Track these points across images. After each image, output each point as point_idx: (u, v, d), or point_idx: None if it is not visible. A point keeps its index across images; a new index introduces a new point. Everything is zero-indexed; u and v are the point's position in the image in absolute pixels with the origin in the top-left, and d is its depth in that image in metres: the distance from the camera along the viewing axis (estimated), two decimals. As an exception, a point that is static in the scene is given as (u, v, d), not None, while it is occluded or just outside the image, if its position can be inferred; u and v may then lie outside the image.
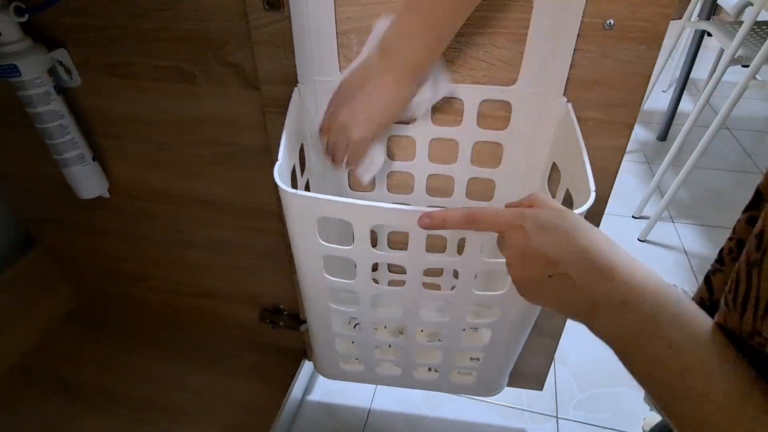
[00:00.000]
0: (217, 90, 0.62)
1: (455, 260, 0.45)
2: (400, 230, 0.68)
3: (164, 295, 0.93)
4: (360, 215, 0.43)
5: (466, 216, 0.39)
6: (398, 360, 0.62)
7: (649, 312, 0.30)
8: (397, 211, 0.41)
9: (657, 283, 0.31)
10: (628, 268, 0.32)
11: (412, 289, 0.49)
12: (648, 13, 0.46)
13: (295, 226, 0.46)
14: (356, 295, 0.52)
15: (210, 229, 0.79)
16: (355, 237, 0.44)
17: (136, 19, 0.59)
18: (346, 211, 0.43)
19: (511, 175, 0.59)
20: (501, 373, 0.64)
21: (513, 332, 0.55)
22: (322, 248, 0.47)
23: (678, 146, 1.39)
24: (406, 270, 0.47)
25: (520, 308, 0.51)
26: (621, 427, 0.99)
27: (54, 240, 0.91)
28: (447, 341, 0.56)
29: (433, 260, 0.46)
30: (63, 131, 0.66)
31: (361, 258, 0.47)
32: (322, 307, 0.55)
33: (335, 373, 0.67)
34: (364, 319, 0.55)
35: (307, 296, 0.54)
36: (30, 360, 0.92)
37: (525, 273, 0.37)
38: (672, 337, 0.29)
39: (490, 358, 0.59)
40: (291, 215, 0.45)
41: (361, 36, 0.52)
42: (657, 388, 0.30)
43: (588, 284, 0.32)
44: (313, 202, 0.43)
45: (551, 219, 0.36)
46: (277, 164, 0.44)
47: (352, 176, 0.65)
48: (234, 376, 0.88)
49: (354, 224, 0.43)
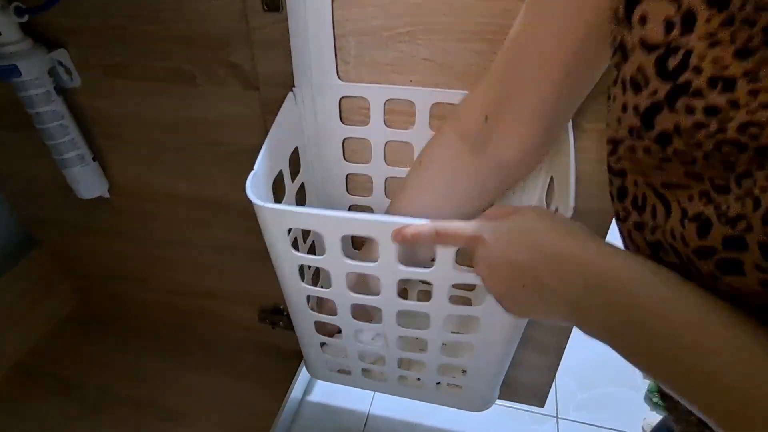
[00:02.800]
0: (217, 91, 0.62)
1: (428, 272, 0.44)
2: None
3: (164, 295, 0.93)
4: (329, 226, 0.43)
5: (433, 231, 0.39)
6: (384, 368, 0.61)
7: (627, 287, 0.28)
8: (366, 222, 0.42)
9: (625, 256, 0.30)
10: (591, 252, 0.31)
11: (388, 299, 0.49)
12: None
13: (269, 236, 0.47)
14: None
15: (210, 229, 0.79)
16: (326, 247, 0.44)
17: (136, 19, 0.59)
18: (315, 222, 0.43)
19: (512, 188, 0.58)
20: (489, 387, 0.63)
21: (496, 345, 0.54)
22: (296, 257, 0.48)
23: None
24: (380, 280, 0.47)
25: (503, 320, 0.50)
26: (621, 427, 0.99)
27: (54, 240, 0.91)
28: (429, 352, 0.56)
29: (405, 272, 0.45)
30: (63, 131, 0.66)
31: (334, 268, 0.47)
32: (303, 313, 0.55)
33: (324, 375, 0.67)
34: (344, 326, 0.55)
35: (289, 303, 0.55)
36: (30, 360, 0.92)
37: (499, 287, 0.36)
38: (659, 306, 0.27)
39: (475, 371, 0.58)
40: (263, 226, 0.46)
41: (359, 39, 0.52)
42: (664, 366, 0.27)
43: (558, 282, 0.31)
44: (282, 214, 0.43)
45: (510, 225, 0.35)
46: (252, 174, 0.45)
47: (349, 182, 0.65)
48: (234, 376, 0.89)
49: (324, 235, 0.43)
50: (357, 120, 0.58)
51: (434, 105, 0.55)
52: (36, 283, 0.93)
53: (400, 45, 0.52)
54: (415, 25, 0.50)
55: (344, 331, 0.56)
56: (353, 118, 0.58)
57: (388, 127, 0.58)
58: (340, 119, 0.59)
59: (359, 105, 0.57)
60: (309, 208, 0.43)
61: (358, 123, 0.58)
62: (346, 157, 0.62)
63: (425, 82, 0.54)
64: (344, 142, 0.60)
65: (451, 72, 0.53)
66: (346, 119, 0.59)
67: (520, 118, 0.42)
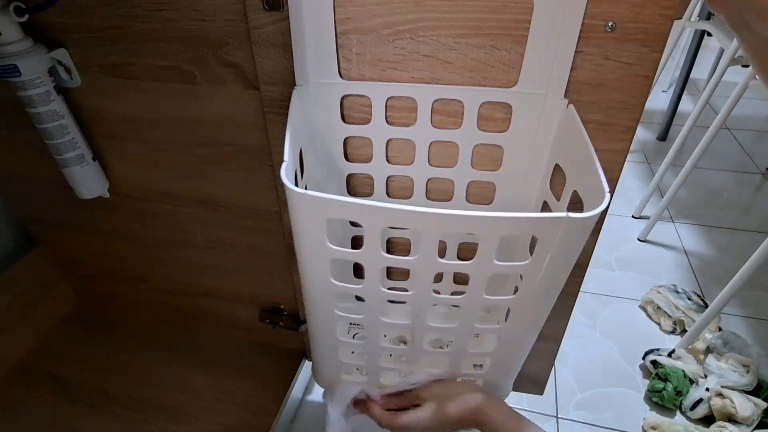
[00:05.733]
0: (217, 90, 0.62)
1: (468, 264, 0.44)
2: (406, 235, 0.67)
3: (164, 295, 0.93)
4: (372, 217, 0.41)
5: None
6: (402, 368, 0.61)
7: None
8: (410, 212, 0.39)
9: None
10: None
11: (423, 294, 0.48)
12: (650, 15, 0.46)
13: (301, 227, 0.44)
14: (356, 302, 0.51)
15: (210, 229, 0.79)
16: (365, 239, 0.43)
17: (136, 19, 0.59)
18: (357, 212, 0.41)
19: (512, 178, 0.59)
20: (506, 380, 0.63)
21: (521, 337, 0.55)
22: (330, 251, 0.45)
23: (678, 146, 1.39)
24: (415, 275, 0.46)
25: (529, 312, 0.50)
26: (621, 427, 0.99)
27: (54, 240, 0.91)
28: (454, 348, 0.55)
29: (446, 265, 0.45)
30: (63, 131, 0.66)
31: (372, 262, 0.45)
32: (326, 312, 0.53)
33: (334, 383, 0.65)
34: (370, 326, 0.54)
35: (311, 300, 0.53)
36: (30, 360, 0.92)
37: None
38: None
39: (495, 364, 0.59)
40: (298, 216, 0.43)
41: (360, 37, 0.52)
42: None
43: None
44: (323, 203, 0.41)
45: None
46: (284, 164, 0.43)
47: (350, 182, 0.65)
48: (234, 376, 0.88)
49: (365, 226, 0.42)
50: (358, 118, 0.58)
51: (436, 101, 0.55)
52: (35, 282, 0.93)
53: (402, 42, 0.52)
54: (416, 22, 0.50)
55: (368, 330, 0.55)
56: (355, 116, 0.58)
57: (390, 124, 0.58)
58: (342, 118, 0.59)
59: (361, 103, 0.57)
60: (349, 198, 0.41)
61: (360, 121, 0.58)
62: (347, 155, 0.62)
63: (427, 79, 0.54)
64: (345, 141, 0.61)
65: (453, 68, 0.53)
66: (347, 117, 0.59)
67: None
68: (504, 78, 0.52)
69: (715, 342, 1.10)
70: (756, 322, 1.20)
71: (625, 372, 1.09)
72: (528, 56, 0.50)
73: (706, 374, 1.05)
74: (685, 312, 1.19)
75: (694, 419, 1.00)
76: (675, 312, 1.19)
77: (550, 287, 0.47)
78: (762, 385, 1.02)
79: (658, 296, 1.22)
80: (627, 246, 1.45)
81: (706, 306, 1.17)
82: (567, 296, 0.68)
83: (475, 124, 0.56)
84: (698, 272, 1.34)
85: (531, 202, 0.60)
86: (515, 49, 0.50)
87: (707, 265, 1.37)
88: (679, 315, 1.18)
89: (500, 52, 0.51)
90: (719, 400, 0.98)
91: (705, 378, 1.04)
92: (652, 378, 1.04)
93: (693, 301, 1.21)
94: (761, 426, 0.96)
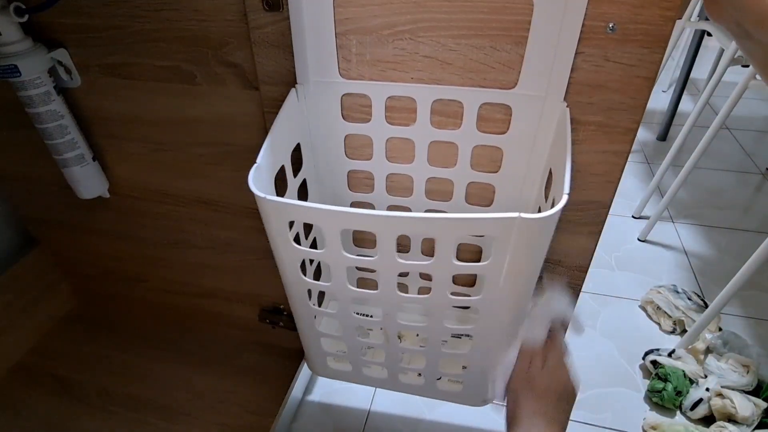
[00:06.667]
0: (216, 90, 0.62)
1: (428, 264, 0.45)
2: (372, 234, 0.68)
3: (164, 295, 0.93)
4: (328, 220, 0.43)
5: None
6: (384, 362, 0.62)
7: None
8: (365, 216, 0.42)
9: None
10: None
11: (387, 292, 0.49)
12: (650, 16, 0.45)
13: (271, 229, 0.47)
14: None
15: (210, 229, 0.79)
16: (325, 241, 0.45)
17: (136, 19, 0.59)
18: (315, 215, 0.44)
19: (512, 180, 0.59)
20: (489, 383, 0.63)
21: (494, 339, 0.54)
22: (297, 251, 0.48)
23: (678, 146, 1.39)
24: (379, 273, 0.48)
25: (497, 313, 0.50)
26: (621, 427, 0.99)
27: (54, 240, 0.91)
28: (429, 347, 0.56)
29: (405, 264, 0.46)
30: (63, 131, 0.66)
31: (333, 261, 0.48)
32: (303, 307, 0.56)
33: (325, 371, 0.67)
34: (344, 320, 0.56)
35: (290, 297, 0.56)
36: (30, 360, 0.92)
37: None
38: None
39: (474, 366, 0.59)
40: (266, 219, 0.46)
41: (360, 37, 0.52)
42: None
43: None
44: (282, 206, 0.44)
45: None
46: (254, 167, 0.46)
47: (351, 180, 0.65)
48: (234, 376, 0.88)
49: (324, 229, 0.44)
50: (358, 117, 0.58)
51: (435, 101, 0.55)
52: (35, 282, 0.93)
53: (401, 42, 0.52)
54: (416, 23, 0.50)
55: (344, 325, 0.56)
56: (354, 115, 0.59)
57: (390, 124, 0.58)
58: (342, 116, 0.59)
59: (360, 102, 0.57)
60: (309, 202, 0.43)
61: (360, 120, 0.59)
62: (347, 153, 0.62)
63: (426, 79, 0.54)
64: (345, 139, 0.61)
65: (452, 68, 0.53)
66: (347, 116, 0.59)
67: None
68: (504, 79, 0.52)
69: (715, 342, 1.10)
70: (756, 322, 1.20)
71: (625, 372, 1.09)
72: (528, 57, 0.50)
73: (706, 374, 1.05)
74: (685, 312, 1.19)
75: (694, 419, 1.00)
76: (675, 312, 1.19)
77: (515, 288, 0.47)
78: (762, 385, 1.02)
79: (658, 296, 1.22)
80: (627, 246, 1.45)
81: (706, 306, 1.17)
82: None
83: (474, 125, 0.56)
84: (698, 272, 1.34)
85: (530, 204, 0.60)
86: (515, 50, 0.50)
87: (707, 265, 1.37)
88: (679, 315, 1.18)
89: (500, 53, 0.51)
90: (719, 400, 0.98)
91: (705, 378, 1.04)
92: (652, 378, 1.04)
93: (693, 301, 1.21)
94: (761, 426, 0.96)
